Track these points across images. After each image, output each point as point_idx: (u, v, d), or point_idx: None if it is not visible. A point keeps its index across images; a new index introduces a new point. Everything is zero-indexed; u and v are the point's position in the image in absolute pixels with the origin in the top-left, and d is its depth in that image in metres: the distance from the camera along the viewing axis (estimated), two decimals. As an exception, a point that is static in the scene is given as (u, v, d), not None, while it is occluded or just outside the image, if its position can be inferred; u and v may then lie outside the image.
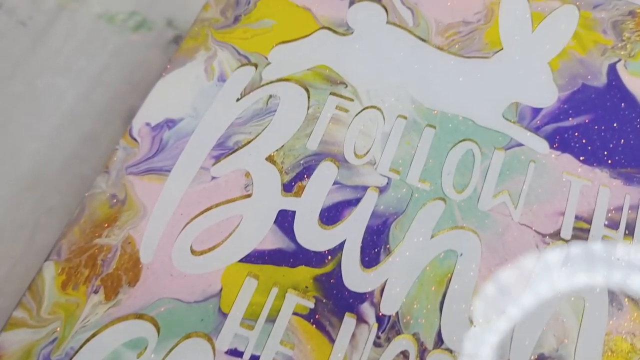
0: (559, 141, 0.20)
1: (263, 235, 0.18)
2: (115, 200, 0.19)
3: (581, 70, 0.21)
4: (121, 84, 0.31)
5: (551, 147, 0.20)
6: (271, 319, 0.17)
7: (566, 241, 0.18)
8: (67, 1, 0.33)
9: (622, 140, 0.20)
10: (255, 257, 0.18)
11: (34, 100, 0.31)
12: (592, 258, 0.18)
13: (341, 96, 0.20)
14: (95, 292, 0.18)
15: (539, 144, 0.20)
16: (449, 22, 0.22)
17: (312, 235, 0.18)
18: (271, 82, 0.21)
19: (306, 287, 0.18)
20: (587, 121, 0.20)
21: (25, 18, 0.33)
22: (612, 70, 0.21)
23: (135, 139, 0.20)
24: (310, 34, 0.21)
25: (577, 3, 0.22)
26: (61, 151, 0.30)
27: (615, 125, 0.20)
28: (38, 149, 0.30)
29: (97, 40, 0.33)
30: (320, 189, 0.19)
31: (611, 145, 0.20)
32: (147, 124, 0.20)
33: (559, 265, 0.18)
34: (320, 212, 0.19)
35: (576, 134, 0.20)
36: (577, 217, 0.19)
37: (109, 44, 0.32)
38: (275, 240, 0.18)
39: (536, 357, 0.17)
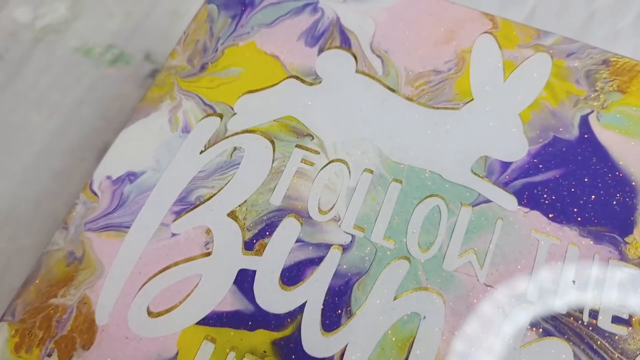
0: (528, 197, 0.20)
1: (222, 296, 0.18)
2: (72, 258, 0.19)
3: (553, 122, 0.21)
4: (96, 119, 0.31)
5: (520, 203, 0.19)
6: (227, 386, 0.17)
7: (532, 303, 0.18)
8: (44, 34, 0.33)
9: (593, 197, 0.20)
10: (213, 320, 0.18)
11: (7, 136, 0.31)
12: (558, 321, 0.18)
13: (307, 149, 0.20)
14: (49, 355, 0.17)
15: (507, 201, 0.19)
16: (420, 71, 0.22)
17: (272, 296, 0.18)
18: (236, 134, 0.20)
19: (264, 351, 0.17)
20: (557, 176, 0.20)
21: (2, 50, 0.33)
22: (584, 122, 0.21)
23: (95, 193, 0.19)
24: (277, 83, 0.21)
25: (551, 51, 0.22)
26: (33, 189, 0.30)
27: (586, 180, 0.20)
28: (9, 188, 0.29)
29: (73, 74, 0.32)
30: (282, 247, 0.19)
31: (581, 202, 0.19)
32: (108, 177, 0.20)
33: (525, 328, 0.18)
34: (282, 272, 0.18)
35: (546, 189, 0.20)
36: (544, 278, 0.18)
37: (85, 77, 0.32)
38: (234, 302, 0.18)
39: None
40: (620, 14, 0.34)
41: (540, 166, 0.20)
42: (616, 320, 0.18)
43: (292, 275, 0.18)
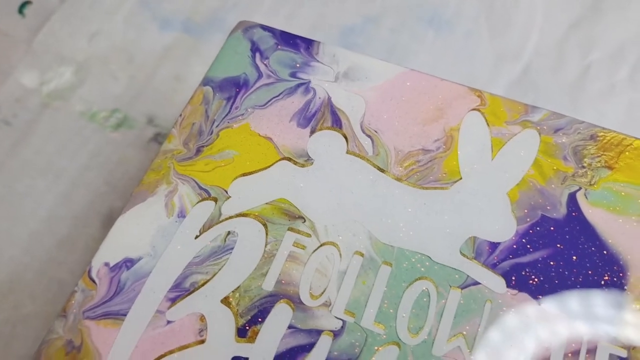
0: (517, 279, 0.20)
1: (216, 384, 0.19)
2: (71, 347, 0.19)
3: (540, 201, 0.21)
4: (100, 185, 0.32)
5: (508, 285, 0.20)
6: None
7: (521, 390, 0.19)
8: (50, 99, 0.34)
9: (580, 277, 0.20)
10: (207, 410, 0.18)
11: (13, 203, 0.32)
12: (548, 408, 0.18)
13: (299, 232, 0.21)
14: None
15: (495, 283, 0.20)
16: (409, 150, 0.22)
17: (264, 384, 0.19)
18: (230, 218, 0.21)
19: None
20: (545, 256, 0.20)
21: (10, 116, 0.34)
22: (572, 200, 0.21)
23: (93, 281, 0.20)
24: (270, 165, 0.22)
25: (539, 127, 0.23)
26: (37, 256, 0.31)
27: (574, 260, 0.20)
28: (14, 255, 0.30)
29: (78, 139, 0.34)
30: (274, 334, 0.19)
31: (569, 283, 0.20)
32: (106, 264, 0.20)
33: (514, 416, 0.18)
34: (274, 359, 0.19)
35: (533, 270, 0.20)
36: (533, 363, 0.19)
37: (90, 143, 0.33)
38: (227, 390, 0.19)
39: None
40: (615, 66, 0.35)
41: (529, 246, 0.21)
42: (605, 406, 0.18)
43: (284, 363, 0.19)
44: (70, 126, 0.34)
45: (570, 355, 0.19)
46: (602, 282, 0.20)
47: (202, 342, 0.19)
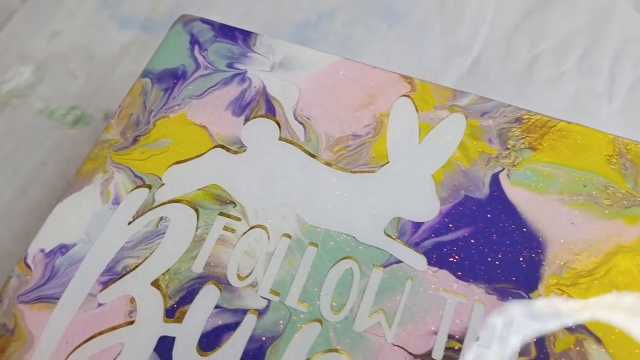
0: (438, 257, 0.21)
1: (143, 363, 0.19)
2: (5, 331, 0.20)
3: (465, 182, 0.22)
4: (57, 180, 0.33)
5: (430, 263, 0.21)
6: None
7: (438, 362, 0.19)
8: (10, 98, 0.35)
9: (500, 254, 0.21)
10: (134, 387, 0.19)
11: (-29, 200, 0.32)
12: (463, 380, 0.19)
13: (229, 216, 0.22)
14: None
15: (417, 261, 0.21)
16: (339, 136, 0.23)
17: (190, 362, 0.19)
18: (163, 204, 0.22)
19: (180, 417, 0.19)
20: (466, 235, 0.21)
21: (-29, 116, 0.35)
22: (495, 180, 0.22)
23: (29, 267, 0.21)
24: (204, 153, 0.23)
25: (466, 112, 0.23)
26: (-6, 250, 0.31)
27: (494, 238, 0.21)
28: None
29: (37, 137, 0.34)
30: (201, 314, 0.20)
31: (489, 260, 0.21)
32: (42, 251, 0.21)
33: (430, 388, 0.19)
34: (200, 339, 0.20)
35: (455, 248, 0.21)
36: (450, 337, 0.20)
37: (48, 139, 0.34)
38: (154, 369, 0.19)
39: None
40: (564, 56, 0.36)
41: (451, 226, 0.21)
42: (518, 376, 0.19)
43: (209, 342, 0.20)
44: (29, 124, 0.35)
45: (487, 327, 0.20)
46: (521, 259, 0.21)
47: (132, 323, 0.20)
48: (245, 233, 0.21)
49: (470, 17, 0.37)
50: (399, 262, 0.21)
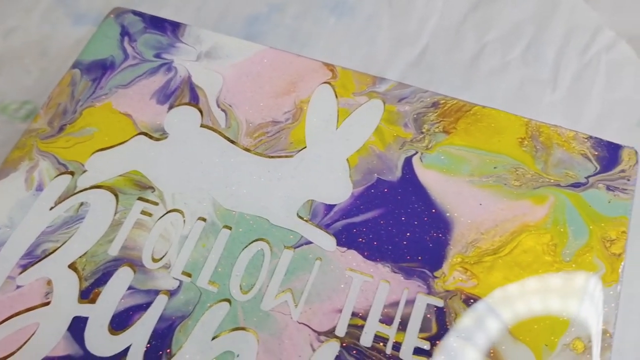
0: (347, 237, 0.21)
1: (56, 342, 0.20)
2: None
3: (378, 165, 0.23)
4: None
5: (339, 243, 0.21)
6: None
7: (340, 338, 0.20)
8: (-36, 93, 0.36)
9: (408, 234, 0.21)
10: (45, 365, 0.20)
11: None
12: (363, 354, 0.20)
13: (147, 200, 0.22)
14: None
15: (327, 241, 0.21)
16: (259, 122, 0.24)
17: (100, 341, 0.20)
18: (84, 190, 0.22)
19: (88, 393, 0.19)
20: (376, 216, 0.22)
21: None
22: (408, 163, 0.22)
23: (-48, 252, 0.22)
24: (127, 140, 0.23)
25: (384, 97, 0.24)
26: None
27: (403, 219, 0.22)
28: None
29: (-11, 131, 0.35)
30: (114, 295, 0.21)
31: (396, 240, 0.21)
32: (-35, 236, 0.22)
33: (331, 363, 0.19)
34: (112, 318, 0.20)
35: (364, 229, 0.21)
36: (353, 314, 0.20)
37: (0, 133, 0.35)
38: (66, 347, 0.20)
39: None
40: (510, 46, 0.36)
41: (362, 207, 0.22)
42: (417, 351, 0.20)
43: (120, 321, 0.20)
44: (-18, 119, 0.36)
45: (389, 306, 0.20)
46: (427, 239, 0.21)
47: (47, 304, 0.21)
48: (161, 217, 0.22)
49: (419, 8, 0.38)
50: (309, 242, 0.21)
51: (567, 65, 0.35)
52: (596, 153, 0.22)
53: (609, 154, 0.22)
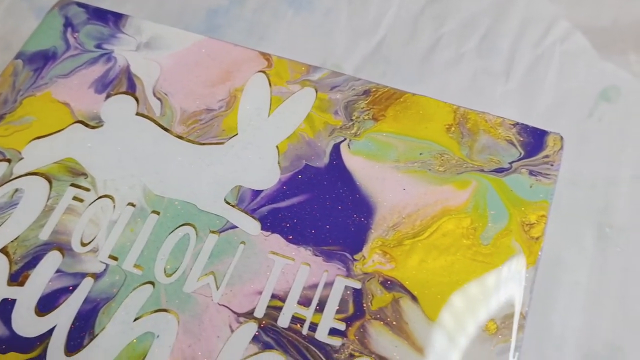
0: (271, 222, 0.22)
1: (-17, 323, 0.21)
2: None
3: (307, 152, 0.23)
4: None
5: (263, 228, 0.22)
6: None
7: (258, 320, 0.20)
8: None
9: (331, 218, 0.22)
10: (-29, 345, 0.20)
11: None
12: (280, 335, 0.20)
13: (79, 187, 0.23)
14: None
15: (251, 226, 0.22)
16: (193, 110, 0.24)
17: (26, 322, 0.21)
18: (20, 176, 0.23)
19: (11, 372, 0.20)
20: (302, 201, 0.22)
21: None
22: (336, 150, 0.23)
23: None
24: (64, 129, 0.24)
25: (316, 85, 0.24)
26: None
27: (328, 204, 0.22)
28: None
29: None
30: (42, 278, 0.21)
31: (320, 224, 0.22)
32: None
33: (247, 342, 0.20)
34: (39, 300, 0.21)
35: (289, 214, 0.22)
36: (273, 296, 0.21)
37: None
38: (-7, 328, 0.21)
39: None
40: (465, 38, 0.36)
41: (288, 193, 0.22)
42: (333, 331, 0.20)
43: (47, 303, 0.21)
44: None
45: (308, 288, 0.21)
46: (350, 222, 0.22)
47: (-23, 286, 0.21)
48: (92, 202, 0.23)
49: (376, 1, 0.38)
50: (234, 227, 0.22)
51: (521, 57, 0.36)
52: (521, 139, 0.23)
53: (534, 140, 0.23)
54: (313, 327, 0.20)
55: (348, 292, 0.21)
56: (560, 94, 0.34)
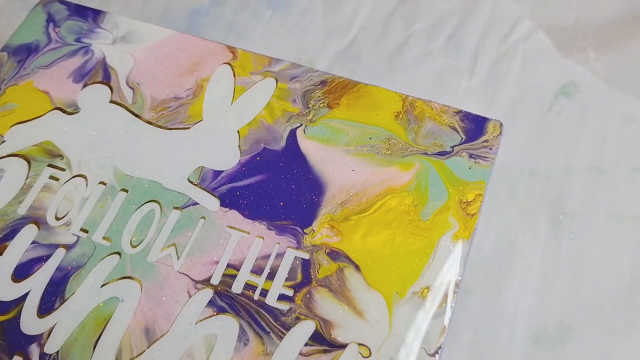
0: (230, 199, 0.24)
1: (-36, 289, 0.23)
2: None
3: (266, 136, 0.25)
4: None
5: (222, 205, 0.24)
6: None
7: (214, 286, 0.22)
8: None
9: (285, 196, 0.24)
10: (-48, 308, 0.22)
11: None
12: (233, 300, 0.22)
13: (56, 167, 0.25)
14: None
15: (211, 203, 0.24)
16: (163, 98, 0.26)
17: (3, 287, 0.23)
18: (1, 158, 0.25)
19: (-12, 332, 0.22)
20: (259, 180, 0.24)
21: None
22: (292, 134, 0.25)
23: None
24: (43, 114, 0.26)
25: (277, 76, 0.27)
26: None
27: (283, 184, 0.24)
28: None
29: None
30: (18, 248, 0.23)
31: (274, 201, 0.24)
32: None
33: (203, 306, 0.22)
34: (15, 268, 0.23)
35: (246, 192, 0.24)
36: (229, 265, 0.23)
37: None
38: (-28, 293, 0.23)
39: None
40: (433, 36, 0.39)
41: (247, 173, 0.25)
42: (282, 297, 0.22)
43: (22, 271, 0.23)
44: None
45: (261, 258, 0.23)
46: (302, 200, 0.24)
47: (-41, 256, 0.23)
48: (67, 181, 0.25)
49: (350, 1, 0.40)
50: (196, 204, 0.24)
51: (485, 54, 0.38)
52: (464, 125, 0.25)
53: (475, 126, 0.25)
54: (264, 293, 0.22)
55: (297, 262, 0.23)
56: (522, 90, 0.36)
